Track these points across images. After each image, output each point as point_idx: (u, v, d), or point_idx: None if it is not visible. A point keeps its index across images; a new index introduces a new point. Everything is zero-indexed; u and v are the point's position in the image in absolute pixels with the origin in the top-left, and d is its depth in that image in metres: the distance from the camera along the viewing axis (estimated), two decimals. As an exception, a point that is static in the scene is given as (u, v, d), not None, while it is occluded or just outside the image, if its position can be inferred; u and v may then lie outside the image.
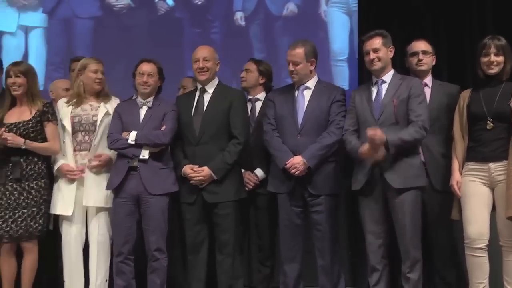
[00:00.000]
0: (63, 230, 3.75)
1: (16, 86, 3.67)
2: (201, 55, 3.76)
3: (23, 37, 5.22)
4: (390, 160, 3.43)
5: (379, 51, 3.57)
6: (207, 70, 3.75)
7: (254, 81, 4.09)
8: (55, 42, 5.22)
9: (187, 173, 3.68)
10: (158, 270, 3.66)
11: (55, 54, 5.12)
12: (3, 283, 3.67)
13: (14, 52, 5.14)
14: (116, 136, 3.67)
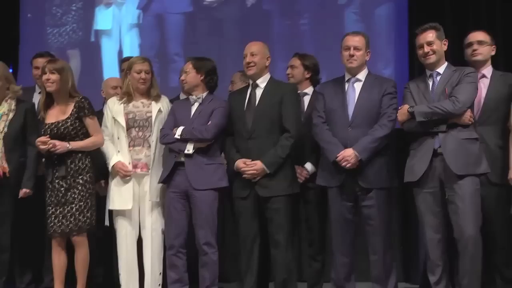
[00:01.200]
0: (118, 225, 3.79)
1: (50, 82, 3.69)
2: (248, 50, 3.76)
3: (118, 34, 5.35)
4: (452, 147, 3.37)
5: (433, 44, 3.51)
6: (254, 65, 3.73)
7: (301, 76, 4.03)
8: (148, 38, 5.32)
9: (240, 167, 3.66)
10: (207, 265, 3.65)
11: (149, 48, 5.22)
12: (55, 276, 3.73)
13: (111, 49, 5.30)
14: (166, 132, 3.71)
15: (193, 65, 3.78)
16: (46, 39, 5.33)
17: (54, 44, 5.29)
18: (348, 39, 3.69)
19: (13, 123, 3.73)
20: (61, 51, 5.18)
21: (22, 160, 3.74)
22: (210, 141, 3.68)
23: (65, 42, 5.31)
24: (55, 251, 3.72)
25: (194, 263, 3.74)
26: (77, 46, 5.33)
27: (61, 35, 5.33)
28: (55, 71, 3.69)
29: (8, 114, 3.73)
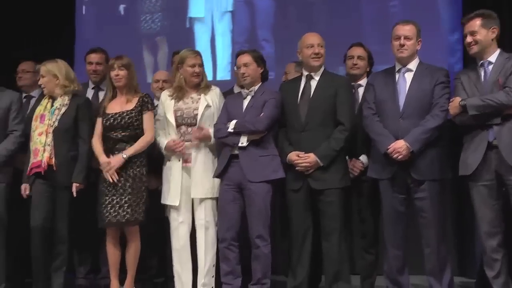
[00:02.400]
0: (171, 218, 3.83)
1: (118, 78, 3.80)
2: (316, 41, 3.72)
3: (210, 21, 5.43)
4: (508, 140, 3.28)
5: (476, 34, 3.41)
6: (321, 56, 3.72)
7: (365, 67, 3.99)
8: (239, 23, 5.37)
9: (293, 159, 3.64)
10: (260, 257, 3.65)
11: (240, 34, 5.29)
12: (110, 266, 3.82)
13: (203, 36, 5.39)
14: (219, 126, 3.72)
15: (253, 58, 3.77)
16: (102, 35, 5.46)
17: (147, 31, 5.44)
18: (398, 28, 3.61)
19: (64, 118, 3.81)
20: (152, 38, 5.36)
21: (73, 154, 3.81)
22: (263, 132, 3.67)
23: (158, 29, 5.43)
24: (110, 242, 3.81)
25: (246, 255, 3.76)
26: (169, 33, 5.44)
27: (154, 22, 5.45)
28: (123, 67, 3.80)
29: (61, 109, 3.82)
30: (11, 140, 3.89)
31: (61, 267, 3.83)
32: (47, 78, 3.84)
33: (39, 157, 3.72)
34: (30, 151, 3.78)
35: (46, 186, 3.78)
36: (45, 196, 3.78)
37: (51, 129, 3.78)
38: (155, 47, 5.45)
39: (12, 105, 3.93)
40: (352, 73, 3.99)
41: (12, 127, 3.92)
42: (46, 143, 3.74)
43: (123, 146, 3.78)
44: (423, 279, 3.63)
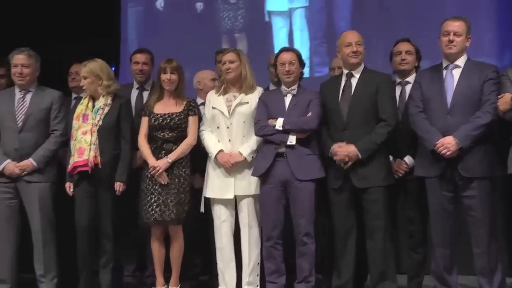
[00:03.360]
0: (214, 215, 3.85)
1: (170, 82, 3.85)
2: (354, 39, 3.71)
3: (288, 16, 5.43)
4: None
5: None
6: (360, 54, 3.70)
7: (414, 62, 3.93)
8: (317, 18, 5.34)
9: (335, 150, 3.60)
10: (306, 255, 3.65)
11: (318, 29, 5.25)
12: (155, 264, 3.85)
13: (280, 31, 5.40)
14: (263, 123, 3.70)
15: (297, 56, 3.78)
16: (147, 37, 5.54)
17: (223, 28, 5.48)
18: (448, 24, 3.55)
19: (107, 117, 3.85)
20: (230, 33, 5.39)
21: (116, 152, 3.86)
22: (313, 131, 3.68)
23: (240, 25, 5.46)
24: (154, 240, 3.85)
25: (289, 253, 3.77)
26: (248, 29, 5.45)
27: (236, 18, 5.48)
28: (175, 71, 3.85)
29: (104, 108, 3.86)
30: (53, 140, 3.95)
31: (108, 265, 3.89)
32: (90, 79, 3.88)
33: (85, 156, 3.76)
34: (73, 150, 3.82)
35: (90, 184, 3.82)
36: (89, 195, 3.83)
37: (95, 128, 3.82)
38: (233, 43, 5.44)
39: (53, 104, 3.98)
40: (401, 68, 3.93)
41: (53, 127, 3.97)
42: (92, 142, 3.78)
43: (171, 146, 3.82)
44: (473, 280, 3.56)
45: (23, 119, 3.90)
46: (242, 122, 3.81)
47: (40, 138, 3.93)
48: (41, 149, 3.90)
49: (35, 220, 3.89)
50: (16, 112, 3.92)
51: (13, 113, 3.91)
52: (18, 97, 3.97)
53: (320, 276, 4.01)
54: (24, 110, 3.93)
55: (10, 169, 3.83)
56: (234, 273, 3.83)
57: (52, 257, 3.94)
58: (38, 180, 3.89)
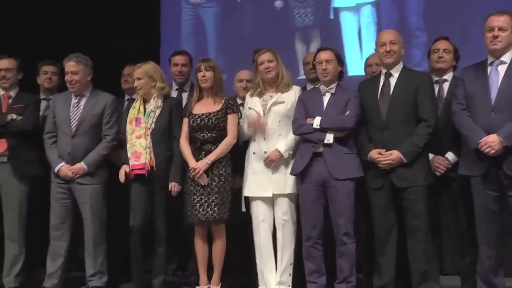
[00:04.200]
0: (253, 214, 3.85)
1: (205, 79, 3.86)
2: (388, 39, 3.69)
3: (356, 12, 5.40)
4: None
5: None
6: (394, 54, 3.66)
7: (451, 61, 3.87)
8: (386, 14, 5.26)
9: (374, 157, 3.59)
10: (346, 255, 3.62)
11: (388, 25, 5.09)
12: (199, 263, 3.87)
13: (348, 27, 5.36)
14: (301, 122, 3.69)
15: (335, 55, 3.76)
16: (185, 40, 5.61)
17: (295, 26, 5.47)
18: (492, 19, 3.46)
19: (159, 119, 3.90)
20: (302, 31, 5.39)
21: (169, 153, 3.90)
22: (350, 130, 3.65)
23: (310, 22, 5.44)
24: (198, 239, 3.87)
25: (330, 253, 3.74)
26: (318, 26, 5.44)
27: (306, 15, 5.47)
28: (210, 69, 3.86)
29: (155, 111, 3.90)
30: (103, 145, 4.01)
31: (161, 266, 3.94)
32: (144, 80, 3.92)
33: (142, 160, 3.80)
34: (130, 154, 3.86)
35: (145, 186, 3.87)
36: (144, 196, 3.87)
37: (148, 131, 3.87)
38: (307, 40, 5.42)
39: (105, 109, 4.04)
40: (437, 67, 3.87)
41: (105, 132, 4.04)
42: (146, 145, 3.83)
43: (210, 147, 3.83)
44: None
45: (76, 125, 3.99)
46: (278, 121, 3.80)
47: (92, 142, 4.00)
48: (93, 153, 3.98)
49: (87, 220, 3.97)
50: (71, 118, 4.01)
51: (68, 119, 4.00)
52: (73, 102, 4.06)
53: (361, 276, 3.97)
54: (77, 116, 4.01)
55: (64, 172, 3.93)
56: (273, 273, 3.82)
57: (102, 256, 4.02)
58: (90, 183, 3.98)
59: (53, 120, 4.04)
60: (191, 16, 5.73)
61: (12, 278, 4.02)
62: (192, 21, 5.72)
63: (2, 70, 4.13)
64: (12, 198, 4.01)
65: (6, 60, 4.16)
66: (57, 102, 4.11)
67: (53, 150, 4.01)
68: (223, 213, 3.78)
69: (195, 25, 5.71)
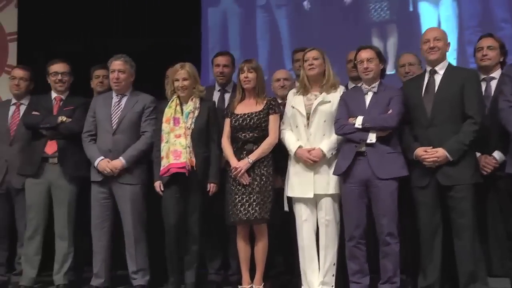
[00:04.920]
0: (296, 214, 3.84)
1: (248, 80, 3.89)
2: (431, 35, 3.65)
3: (436, 4, 5.30)
4: None
5: None
6: (438, 50, 3.62)
7: (497, 58, 3.80)
8: (469, 6, 5.15)
9: (420, 155, 3.54)
10: (390, 256, 3.58)
11: (471, 18, 5.05)
12: (241, 262, 3.88)
13: (428, 20, 5.23)
14: (343, 122, 3.67)
15: (376, 53, 3.73)
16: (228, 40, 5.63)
17: (371, 20, 5.41)
18: None
19: (198, 120, 3.93)
20: (379, 26, 5.33)
21: (206, 155, 3.93)
22: (393, 129, 3.61)
23: (386, 16, 5.36)
24: (240, 238, 3.88)
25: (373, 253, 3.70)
26: (395, 20, 5.34)
27: (382, 10, 5.39)
28: (252, 70, 3.89)
29: (194, 112, 3.94)
30: (143, 141, 4.07)
31: (193, 264, 3.97)
32: (190, 81, 3.96)
33: (182, 159, 3.82)
34: (164, 152, 3.88)
35: (180, 185, 3.90)
36: (178, 195, 3.90)
37: (188, 131, 3.90)
38: (384, 36, 5.36)
39: (145, 108, 4.11)
40: (482, 64, 3.81)
41: (144, 128, 4.10)
42: (186, 145, 3.86)
43: (251, 146, 3.85)
44: None
45: (117, 122, 4.06)
46: (323, 121, 3.78)
47: (132, 140, 4.06)
48: (131, 149, 4.04)
49: (127, 219, 4.03)
50: (112, 115, 4.09)
51: (109, 116, 4.08)
52: (114, 101, 4.14)
53: (404, 277, 3.91)
54: (118, 114, 4.09)
55: (103, 166, 4.00)
56: (316, 273, 3.80)
57: (143, 255, 4.07)
58: (130, 182, 4.04)
59: (92, 119, 4.13)
60: (265, 17, 5.72)
61: (62, 275, 4.12)
62: (266, 18, 5.70)
63: (60, 74, 4.25)
64: (62, 198, 4.11)
65: (63, 64, 4.28)
66: (97, 101, 4.20)
67: (92, 146, 4.08)
68: (264, 212, 3.79)
69: (268, 25, 5.68)
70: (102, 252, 4.08)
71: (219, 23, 5.80)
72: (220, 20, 5.80)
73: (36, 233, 4.13)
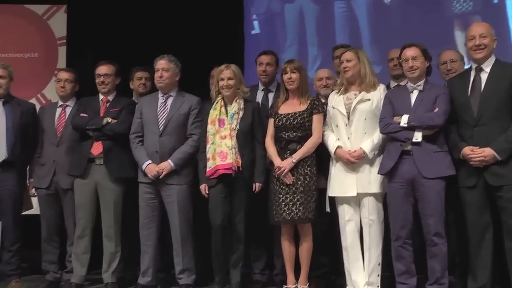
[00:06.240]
0: (339, 214, 3.80)
1: (291, 81, 3.88)
2: (477, 32, 3.55)
3: None
4: None
5: None
6: (484, 48, 3.51)
7: None
8: None
9: (466, 154, 3.45)
10: (437, 256, 3.51)
11: None
12: (286, 262, 3.87)
13: None
14: (388, 121, 3.61)
15: (421, 51, 3.65)
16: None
17: (453, 12, 5.25)
18: None
19: (243, 121, 3.94)
20: (462, 17, 5.18)
21: (252, 155, 3.93)
22: (440, 127, 3.53)
23: (469, 8, 5.21)
24: (285, 238, 3.87)
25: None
26: (479, 12, 5.16)
27: (465, 1, 5.25)
28: (295, 71, 3.88)
29: (239, 113, 3.94)
30: (190, 143, 4.09)
31: (238, 263, 3.98)
32: (235, 80, 3.97)
33: (228, 160, 3.83)
34: (210, 153, 3.90)
35: (226, 186, 3.90)
36: (224, 195, 3.91)
37: (234, 132, 3.91)
38: (466, 27, 5.10)
39: (191, 109, 4.12)
40: None
41: (191, 131, 4.11)
42: (232, 146, 3.86)
43: (295, 146, 3.83)
44: None
45: (164, 123, 4.09)
46: (363, 119, 3.73)
47: (178, 141, 4.09)
48: (179, 151, 4.06)
49: (174, 219, 4.06)
50: (158, 117, 4.12)
51: (155, 118, 4.11)
52: (160, 101, 4.18)
53: (452, 278, 3.80)
54: (165, 115, 4.12)
55: (151, 169, 4.03)
56: (361, 273, 3.76)
57: (190, 255, 4.10)
58: (177, 183, 4.06)
59: (139, 120, 4.17)
60: (343, 9, 5.64)
61: (110, 274, 4.18)
62: (345, 13, 5.62)
63: (102, 76, 4.31)
64: (108, 198, 4.17)
65: (106, 66, 4.33)
66: (144, 102, 4.24)
67: (139, 148, 4.12)
68: (308, 212, 3.76)
69: (347, 18, 5.59)
70: (149, 251, 4.12)
71: (296, 19, 5.73)
72: (296, 16, 5.73)
73: (85, 233, 4.20)
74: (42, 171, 4.34)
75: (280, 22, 5.76)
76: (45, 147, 4.36)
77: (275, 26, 5.79)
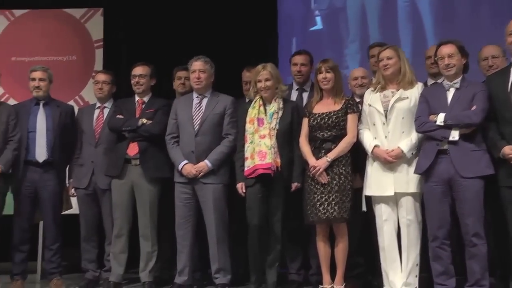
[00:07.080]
0: (376, 214, 3.76)
1: (326, 80, 3.84)
2: None
3: None
4: None
5: None
6: None
7: None
8: None
9: (507, 153, 3.37)
10: (477, 257, 3.43)
11: None
12: (321, 262, 3.84)
13: None
14: (424, 119, 3.55)
15: (458, 48, 3.57)
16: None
17: None
18: None
19: (282, 121, 3.93)
20: None
21: (291, 155, 3.92)
22: (477, 126, 3.45)
23: None
24: (320, 238, 3.84)
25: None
26: None
27: None
28: (330, 70, 3.85)
29: (278, 112, 3.94)
30: (226, 144, 4.09)
31: (274, 263, 3.97)
32: (273, 81, 3.96)
33: (267, 160, 3.82)
34: (248, 153, 3.89)
35: (263, 185, 3.90)
36: (261, 195, 3.91)
37: (273, 132, 3.90)
38: None
39: (226, 109, 4.13)
40: None
41: (227, 131, 4.12)
42: (271, 145, 3.85)
43: (329, 145, 3.80)
44: None
45: (199, 123, 4.11)
46: (401, 118, 3.67)
47: (214, 141, 4.10)
48: (215, 152, 4.07)
49: (210, 219, 4.07)
50: (194, 117, 4.14)
51: (190, 118, 4.13)
52: (195, 102, 4.19)
53: (493, 280, 3.71)
54: (200, 115, 4.13)
55: (188, 169, 4.05)
56: (398, 274, 3.70)
57: (225, 254, 4.10)
58: (213, 182, 4.07)
59: (174, 121, 4.19)
60: (406, 7, 5.52)
61: (147, 273, 4.22)
62: (407, 8, 5.51)
63: (137, 76, 4.35)
64: (144, 198, 4.20)
65: (141, 67, 4.37)
66: (178, 103, 4.26)
67: (176, 149, 4.14)
68: (343, 212, 3.72)
69: (410, 14, 5.50)
70: (185, 251, 4.14)
71: (358, 14, 5.66)
72: (359, 11, 5.66)
73: (122, 232, 4.25)
74: (81, 171, 4.40)
75: (343, 18, 5.70)
76: (84, 148, 4.43)
77: (338, 22, 5.74)
